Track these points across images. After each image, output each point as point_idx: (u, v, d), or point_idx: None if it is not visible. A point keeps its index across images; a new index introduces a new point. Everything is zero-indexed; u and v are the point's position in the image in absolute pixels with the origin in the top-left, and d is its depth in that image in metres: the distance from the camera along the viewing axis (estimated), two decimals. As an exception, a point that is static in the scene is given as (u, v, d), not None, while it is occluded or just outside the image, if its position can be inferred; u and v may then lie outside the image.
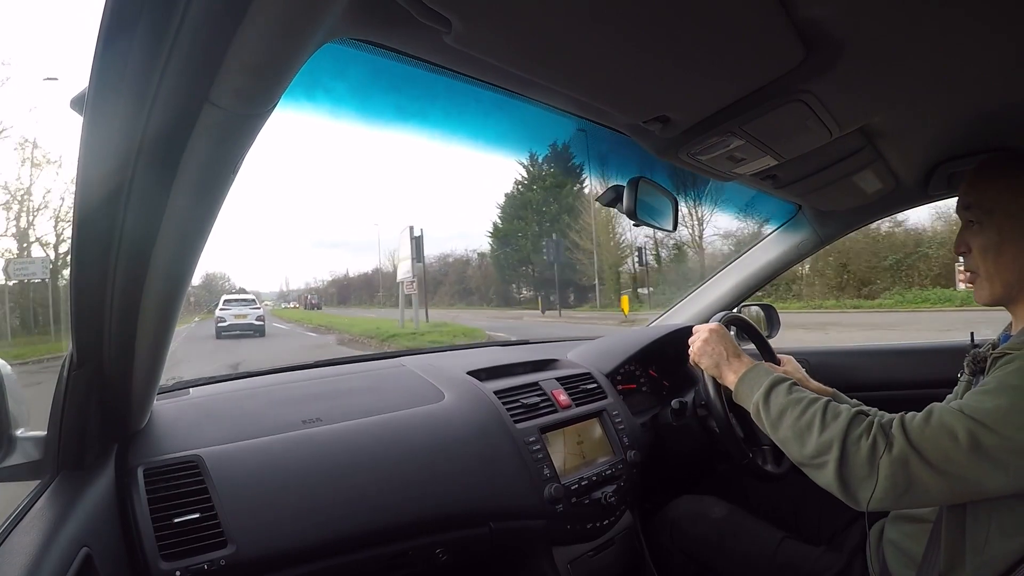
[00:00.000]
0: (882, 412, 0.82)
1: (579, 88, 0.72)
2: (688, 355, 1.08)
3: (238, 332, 14.31)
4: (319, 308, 45.23)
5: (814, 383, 1.16)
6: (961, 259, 0.87)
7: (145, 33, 0.40)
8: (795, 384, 0.87)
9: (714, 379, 1.06)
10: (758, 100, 0.78)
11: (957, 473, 0.69)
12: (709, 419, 1.21)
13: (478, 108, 0.82)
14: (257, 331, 14.65)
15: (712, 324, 1.03)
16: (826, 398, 0.81)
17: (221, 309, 15.50)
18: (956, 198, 0.88)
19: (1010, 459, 0.67)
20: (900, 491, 0.71)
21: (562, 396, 1.27)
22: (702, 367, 1.02)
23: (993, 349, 0.81)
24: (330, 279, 62.47)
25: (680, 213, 1.18)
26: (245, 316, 14.63)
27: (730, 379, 0.94)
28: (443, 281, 41.54)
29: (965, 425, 0.69)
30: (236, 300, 15.71)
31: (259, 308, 16.16)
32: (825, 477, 0.76)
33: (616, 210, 1.01)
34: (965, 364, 0.87)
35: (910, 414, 0.75)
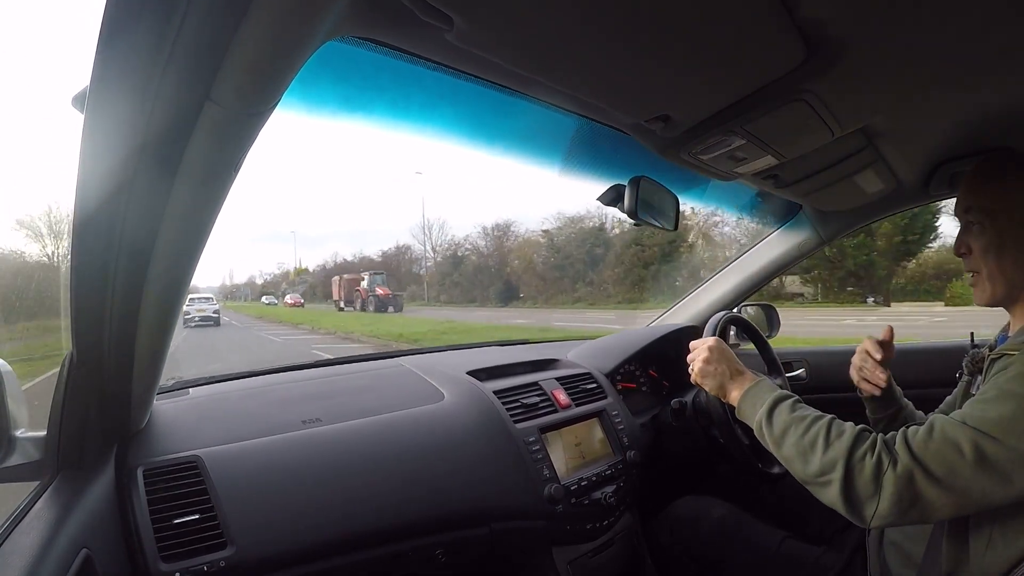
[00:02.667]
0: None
1: (581, 87, 0.72)
2: (688, 353, 1.08)
3: (200, 322, 18.18)
4: (395, 307, 22.74)
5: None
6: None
7: (146, 31, 0.40)
8: (798, 401, 0.86)
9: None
10: (760, 100, 0.77)
11: (962, 486, 0.68)
12: (712, 428, 1.21)
13: (478, 107, 0.81)
14: (214, 321, 18.80)
15: (710, 340, 1.00)
16: (831, 416, 0.80)
17: (187, 305, 19.31)
18: (956, 198, 0.88)
19: (1015, 469, 0.66)
20: (905, 507, 0.70)
21: (562, 396, 1.26)
22: (705, 388, 0.99)
23: (991, 350, 0.81)
24: (279, 272, 50.26)
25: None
26: (204, 310, 18.50)
27: (734, 397, 0.93)
28: (562, 271, 23.12)
29: (970, 437, 0.68)
30: (198, 298, 19.60)
31: (215, 304, 20.89)
32: (830, 495, 0.75)
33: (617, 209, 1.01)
34: (964, 364, 0.87)
35: (912, 428, 0.74)
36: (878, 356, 1.03)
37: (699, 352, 1.00)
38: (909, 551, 0.87)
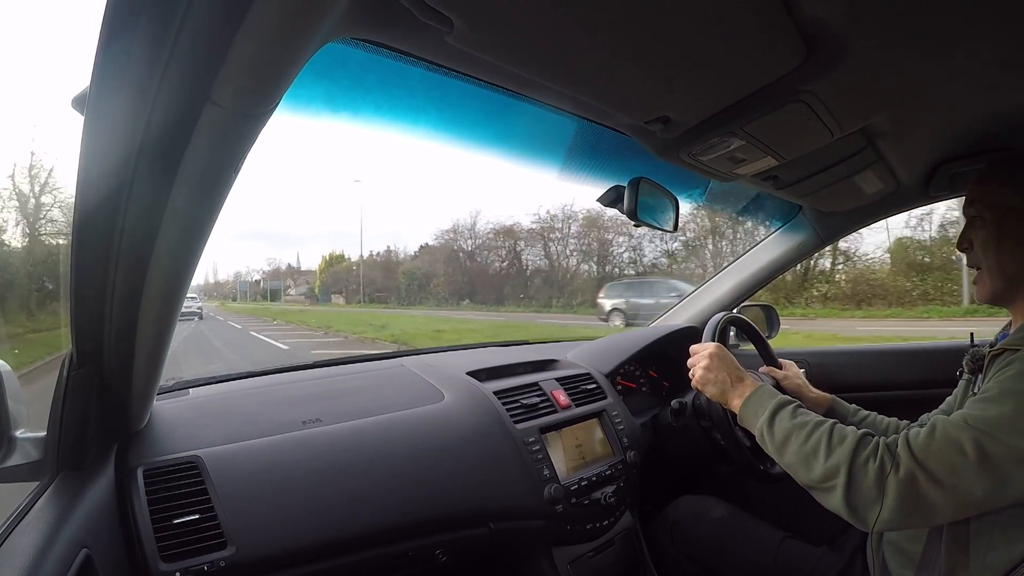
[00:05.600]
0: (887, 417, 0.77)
1: (580, 89, 0.72)
2: (688, 354, 1.08)
3: (185, 316, 21.42)
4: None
5: (814, 391, 1.16)
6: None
7: (147, 31, 0.40)
8: (799, 406, 0.86)
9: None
10: (759, 101, 0.77)
11: (965, 488, 0.68)
12: (713, 430, 1.21)
13: (478, 108, 0.81)
14: (198, 316, 21.63)
15: (711, 347, 1.00)
16: (832, 421, 0.81)
17: None
18: (957, 198, 0.88)
19: (1016, 468, 0.66)
20: (908, 510, 0.70)
21: (562, 396, 1.27)
22: (707, 395, 0.99)
23: (991, 347, 0.81)
24: (270, 268, 45.80)
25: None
26: (190, 306, 20.80)
27: (735, 404, 0.93)
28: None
29: (972, 436, 0.68)
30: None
31: (199, 301, 24.83)
32: (833, 501, 0.75)
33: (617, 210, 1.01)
34: (964, 363, 0.87)
35: (914, 431, 0.74)
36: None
37: (700, 359, 1.00)
38: (909, 551, 0.87)
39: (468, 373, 1.27)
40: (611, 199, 1.00)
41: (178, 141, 0.48)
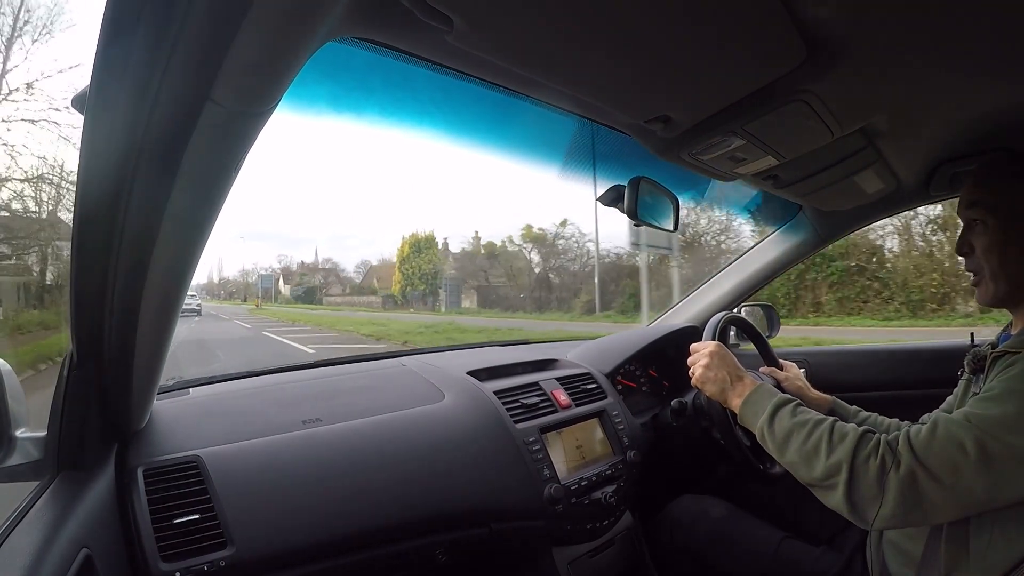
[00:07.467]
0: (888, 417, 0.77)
1: (581, 88, 0.72)
2: (688, 354, 1.08)
3: (186, 313, 21.52)
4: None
5: (814, 392, 1.16)
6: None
7: (147, 30, 0.40)
8: (799, 404, 0.86)
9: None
10: (759, 100, 0.77)
11: (965, 486, 0.68)
12: (713, 430, 1.21)
13: (478, 108, 0.82)
14: (197, 312, 23.01)
15: (711, 346, 1.00)
16: (832, 419, 0.81)
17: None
18: (957, 198, 0.88)
19: (1017, 468, 0.66)
20: (908, 508, 0.70)
21: (562, 396, 1.26)
22: (706, 394, 1.00)
23: (992, 348, 0.81)
24: (280, 266, 40.85)
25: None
26: (189, 303, 21.18)
27: (735, 403, 0.93)
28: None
29: (973, 435, 0.68)
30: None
31: (198, 299, 26.78)
32: (834, 499, 0.75)
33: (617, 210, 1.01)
34: (965, 363, 0.87)
35: (915, 428, 0.74)
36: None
37: (700, 357, 1.00)
38: (908, 550, 0.87)
39: (468, 373, 1.26)
40: (611, 199, 1.00)
41: (178, 140, 0.48)
